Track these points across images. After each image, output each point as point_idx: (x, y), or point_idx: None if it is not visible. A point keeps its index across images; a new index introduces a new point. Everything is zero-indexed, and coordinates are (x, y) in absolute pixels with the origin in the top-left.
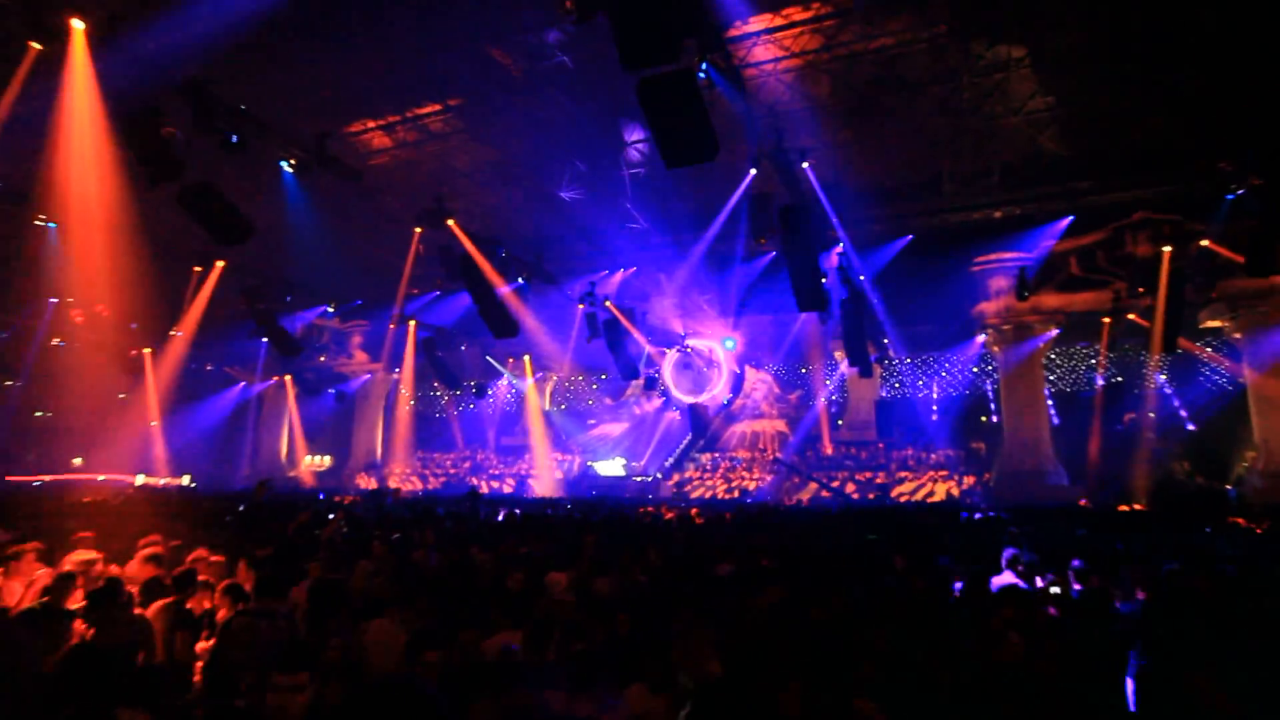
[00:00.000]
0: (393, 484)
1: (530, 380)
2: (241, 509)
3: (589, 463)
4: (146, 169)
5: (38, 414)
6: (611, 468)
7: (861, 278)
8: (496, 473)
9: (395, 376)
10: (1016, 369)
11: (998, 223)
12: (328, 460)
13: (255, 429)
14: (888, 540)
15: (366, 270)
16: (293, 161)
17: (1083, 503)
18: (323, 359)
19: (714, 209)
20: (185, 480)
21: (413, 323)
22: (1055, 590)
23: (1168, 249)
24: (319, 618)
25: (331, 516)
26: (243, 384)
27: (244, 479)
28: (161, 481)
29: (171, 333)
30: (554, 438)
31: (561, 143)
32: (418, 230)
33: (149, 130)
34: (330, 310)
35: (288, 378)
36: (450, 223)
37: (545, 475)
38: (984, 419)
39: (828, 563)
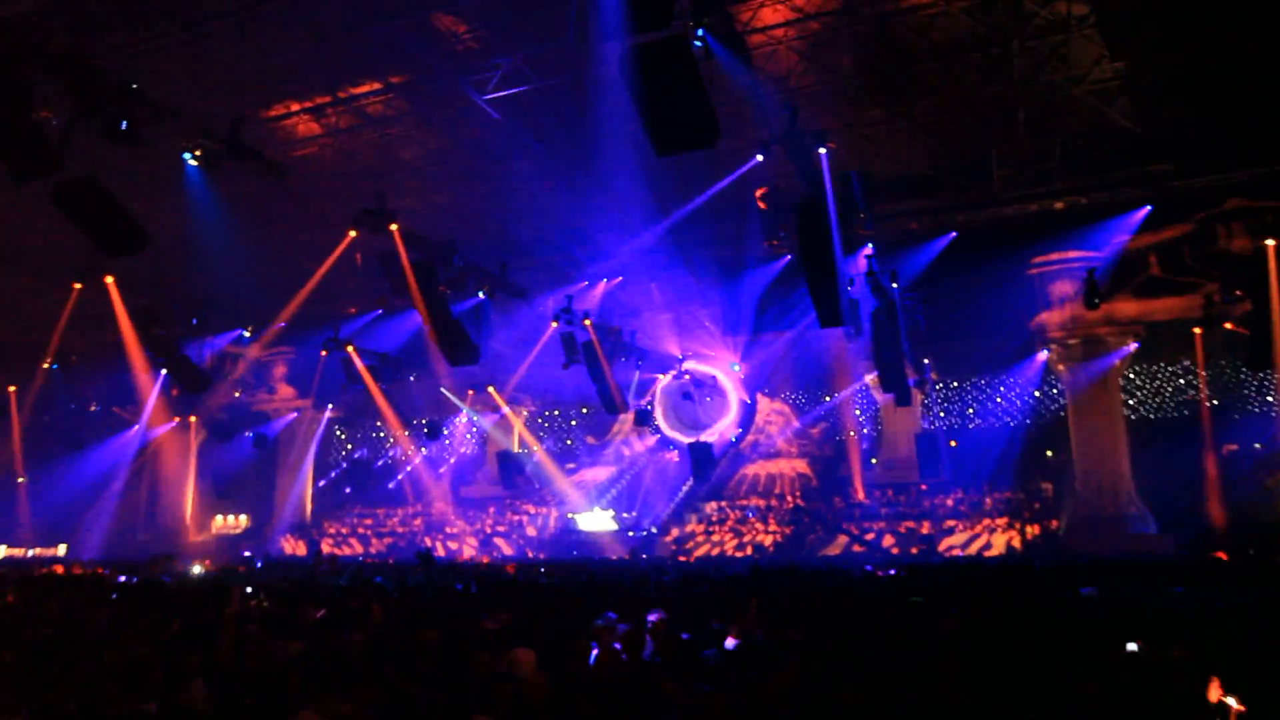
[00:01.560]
0: (326, 548)
1: (506, 408)
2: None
3: (569, 515)
4: (12, 162)
5: None
6: (597, 521)
7: (895, 285)
8: (454, 531)
9: (328, 414)
10: (1087, 392)
11: (1060, 215)
12: (244, 520)
13: (152, 483)
14: (936, 604)
15: (291, 286)
16: (198, 153)
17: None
18: (238, 395)
19: (717, 205)
20: (60, 550)
21: (351, 348)
22: None
23: (1270, 242)
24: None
25: (249, 590)
26: (136, 427)
27: (140, 545)
28: (30, 553)
29: (44, 365)
30: (524, 486)
31: (528, 127)
32: (351, 234)
33: (17, 113)
34: (247, 335)
35: (193, 419)
36: (393, 227)
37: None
38: (1049, 454)
39: (861, 632)
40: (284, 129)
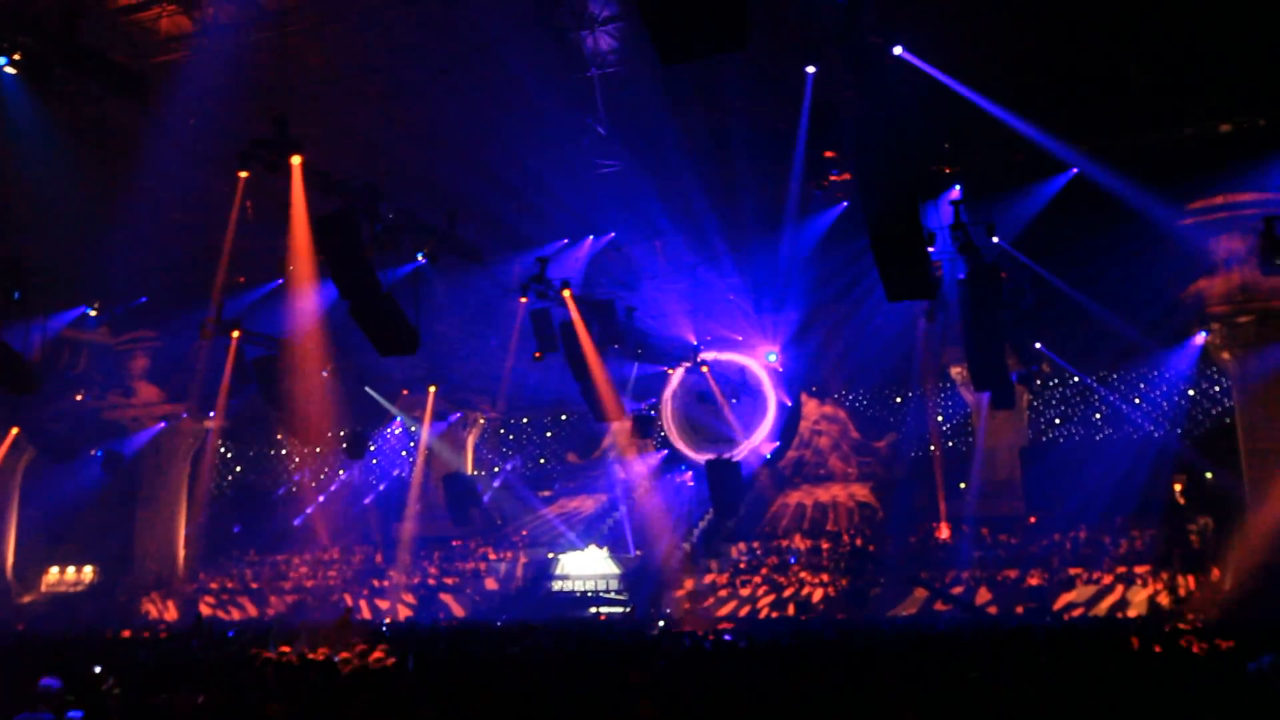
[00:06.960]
0: (206, 610)
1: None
2: None
3: (549, 556)
4: None
5: None
6: (585, 564)
7: (995, 240)
8: (385, 584)
9: (208, 425)
10: (1264, 389)
11: (1227, 141)
12: (89, 573)
13: None
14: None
15: (155, 246)
16: (16, 56)
17: None
18: (80, 398)
19: (740, 134)
20: None
21: (236, 333)
22: None
23: None
24: None
25: (97, 671)
26: None
27: None
28: None
29: None
30: (480, 522)
31: (481, 28)
32: (242, 176)
33: None
34: (93, 314)
35: (14, 431)
36: (295, 160)
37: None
38: (1209, 476)
39: None
40: (141, 26)
